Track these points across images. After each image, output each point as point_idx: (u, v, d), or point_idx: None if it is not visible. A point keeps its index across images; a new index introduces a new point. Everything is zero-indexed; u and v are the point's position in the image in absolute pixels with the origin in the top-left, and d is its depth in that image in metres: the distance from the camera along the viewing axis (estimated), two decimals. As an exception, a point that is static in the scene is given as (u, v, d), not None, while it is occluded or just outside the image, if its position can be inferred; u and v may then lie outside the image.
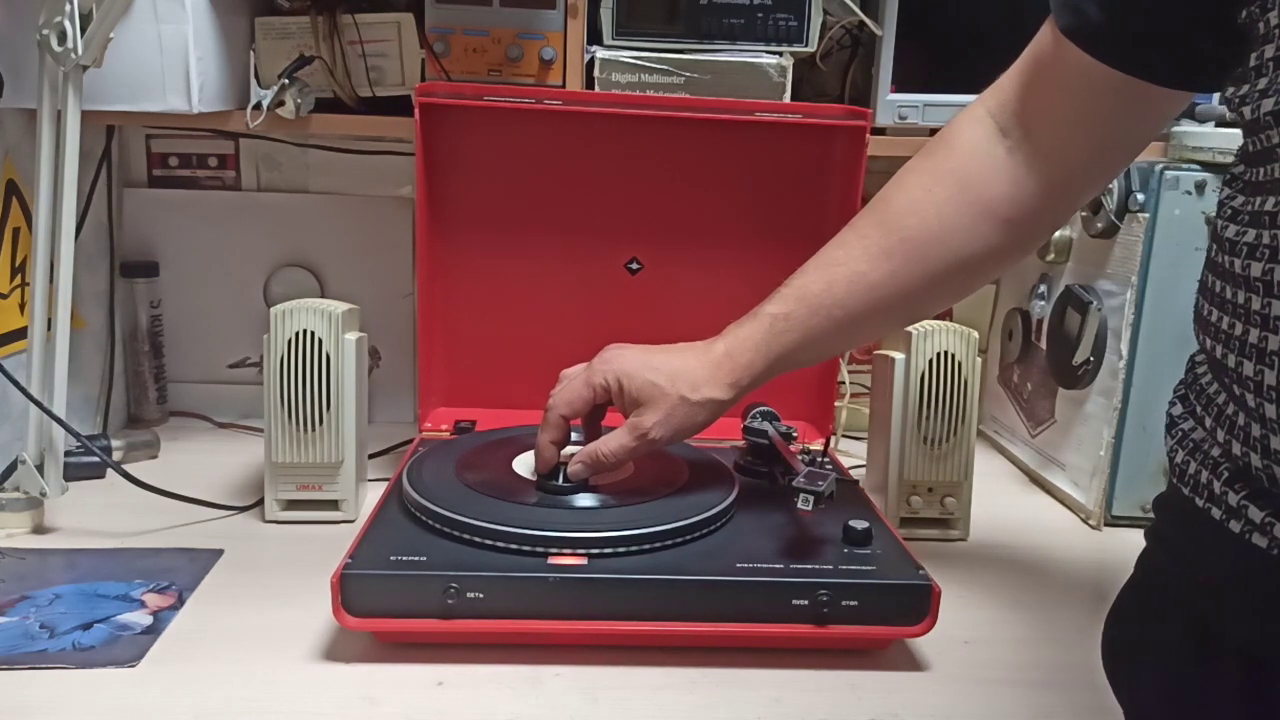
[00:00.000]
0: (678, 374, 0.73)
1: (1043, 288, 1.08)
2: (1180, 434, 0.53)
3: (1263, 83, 0.46)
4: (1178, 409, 0.55)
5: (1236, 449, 0.47)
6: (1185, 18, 0.55)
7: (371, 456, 1.01)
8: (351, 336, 0.90)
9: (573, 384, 0.77)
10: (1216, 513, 0.48)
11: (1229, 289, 0.48)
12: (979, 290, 1.25)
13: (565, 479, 0.77)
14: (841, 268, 0.70)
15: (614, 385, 0.75)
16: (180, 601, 0.75)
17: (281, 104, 0.99)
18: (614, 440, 0.75)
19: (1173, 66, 0.58)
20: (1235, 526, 0.47)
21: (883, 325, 0.75)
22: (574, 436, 0.80)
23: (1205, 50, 0.55)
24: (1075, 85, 0.61)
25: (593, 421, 0.80)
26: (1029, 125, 0.66)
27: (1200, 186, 0.91)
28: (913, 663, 0.71)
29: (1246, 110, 0.47)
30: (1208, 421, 0.50)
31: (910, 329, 0.90)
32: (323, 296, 1.13)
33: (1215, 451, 0.49)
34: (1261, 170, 0.47)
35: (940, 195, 0.68)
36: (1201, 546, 0.50)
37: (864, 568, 0.70)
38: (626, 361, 0.75)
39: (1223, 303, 0.48)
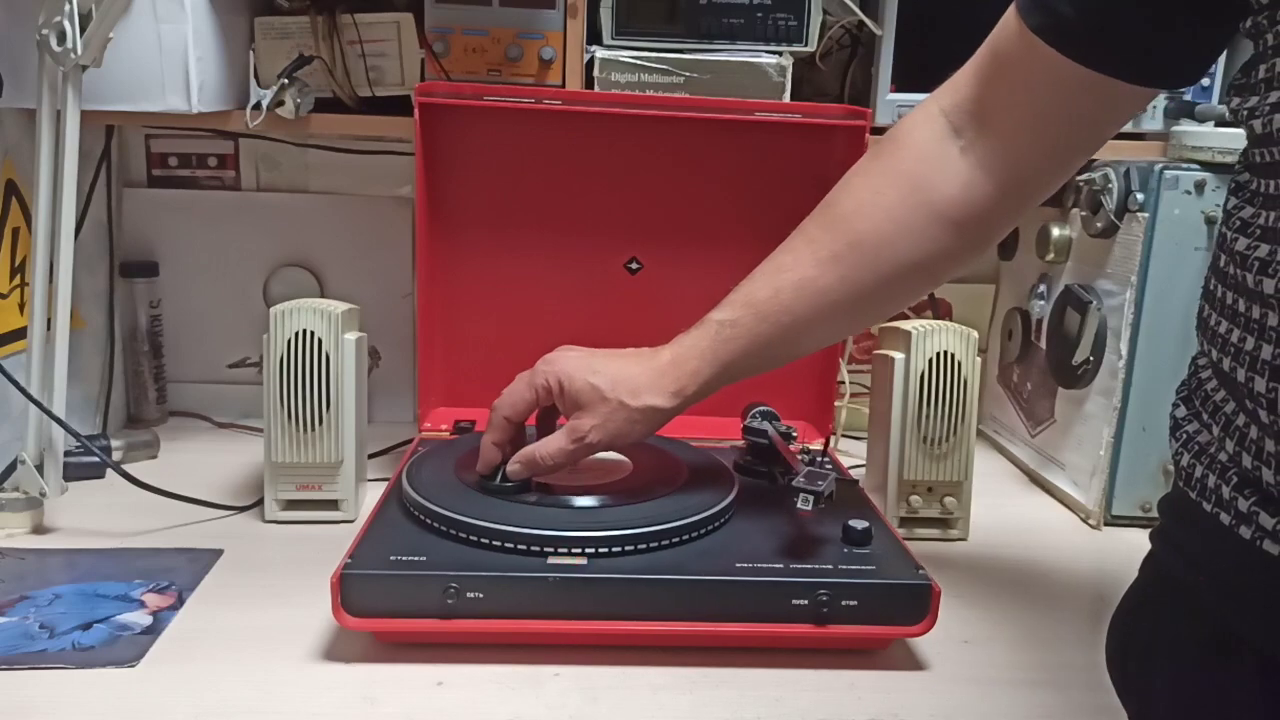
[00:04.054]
0: (619, 379, 0.72)
1: (1042, 287, 1.08)
2: (1185, 436, 0.52)
3: (1275, 96, 0.45)
4: (1181, 411, 0.54)
5: (1247, 461, 0.46)
6: (1164, 17, 0.54)
7: (371, 456, 1.01)
8: (351, 336, 0.90)
9: (515, 385, 0.76)
10: (1225, 518, 0.47)
11: (1241, 301, 0.47)
12: (978, 289, 1.25)
13: (504, 479, 0.76)
14: (789, 273, 0.69)
15: (554, 386, 0.74)
16: (180, 601, 0.75)
17: (281, 104, 0.99)
18: (553, 443, 0.74)
19: (1147, 64, 0.57)
20: (1245, 532, 0.46)
21: (833, 331, 0.74)
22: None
23: (1181, 48, 0.55)
24: (1040, 83, 0.60)
25: (546, 423, 0.79)
26: (985, 124, 0.64)
27: (1200, 186, 0.91)
28: (912, 663, 0.71)
29: (1257, 124, 0.46)
30: (1215, 429, 0.50)
31: (910, 328, 0.90)
32: (323, 296, 1.13)
33: (1223, 457, 0.49)
34: (1273, 184, 0.46)
35: (890, 198, 0.67)
36: (1210, 550, 0.49)
37: (864, 567, 0.70)
38: (569, 363, 0.74)
39: (1234, 315, 0.48)
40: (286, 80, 0.98)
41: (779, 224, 1.04)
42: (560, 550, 0.70)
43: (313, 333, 0.87)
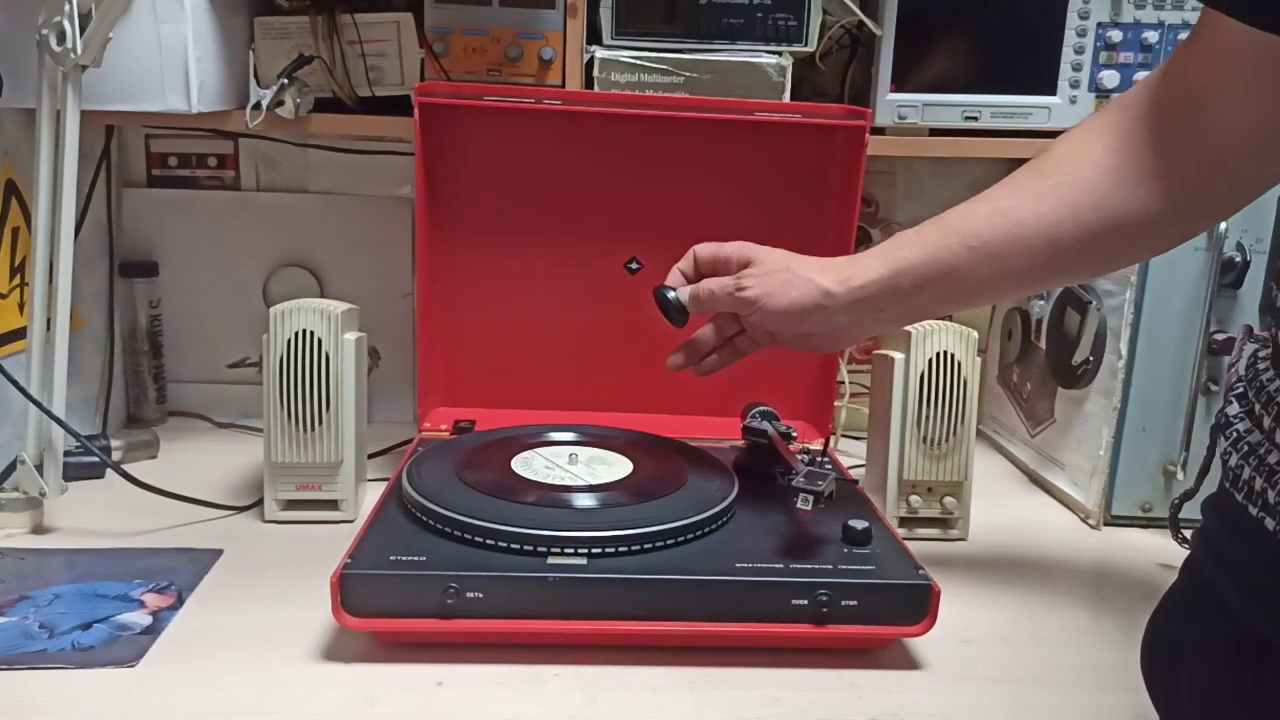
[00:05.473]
0: (794, 258, 0.77)
1: (1042, 287, 1.08)
2: (1235, 435, 0.51)
3: None
4: (1234, 408, 0.52)
5: None
6: None
7: (371, 456, 1.01)
8: (351, 336, 0.90)
9: (715, 243, 0.83)
10: (1271, 524, 0.46)
11: None
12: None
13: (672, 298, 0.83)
14: (985, 201, 0.68)
15: (742, 257, 0.79)
16: (180, 601, 0.75)
17: (281, 104, 0.99)
18: (715, 281, 0.80)
19: None
20: None
21: (1020, 279, 0.69)
22: None
23: None
24: (1227, 52, 0.57)
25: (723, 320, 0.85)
26: (1194, 97, 0.60)
27: (1200, 186, 0.91)
28: (912, 663, 0.71)
29: None
30: (1266, 422, 0.48)
31: (909, 328, 0.90)
32: (322, 296, 1.14)
33: (1273, 458, 0.47)
34: None
35: (1099, 150, 0.64)
36: (1250, 554, 0.48)
37: (863, 567, 0.70)
38: (761, 249, 0.80)
39: None
40: (286, 80, 0.98)
41: (779, 224, 1.05)
42: (560, 550, 0.70)
43: (312, 333, 0.87)
